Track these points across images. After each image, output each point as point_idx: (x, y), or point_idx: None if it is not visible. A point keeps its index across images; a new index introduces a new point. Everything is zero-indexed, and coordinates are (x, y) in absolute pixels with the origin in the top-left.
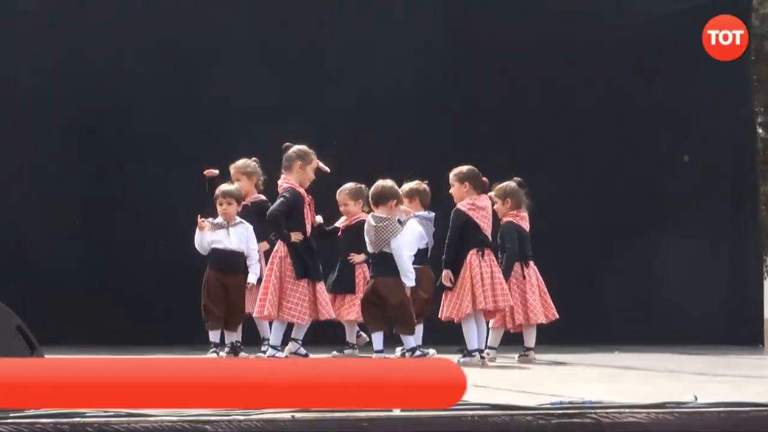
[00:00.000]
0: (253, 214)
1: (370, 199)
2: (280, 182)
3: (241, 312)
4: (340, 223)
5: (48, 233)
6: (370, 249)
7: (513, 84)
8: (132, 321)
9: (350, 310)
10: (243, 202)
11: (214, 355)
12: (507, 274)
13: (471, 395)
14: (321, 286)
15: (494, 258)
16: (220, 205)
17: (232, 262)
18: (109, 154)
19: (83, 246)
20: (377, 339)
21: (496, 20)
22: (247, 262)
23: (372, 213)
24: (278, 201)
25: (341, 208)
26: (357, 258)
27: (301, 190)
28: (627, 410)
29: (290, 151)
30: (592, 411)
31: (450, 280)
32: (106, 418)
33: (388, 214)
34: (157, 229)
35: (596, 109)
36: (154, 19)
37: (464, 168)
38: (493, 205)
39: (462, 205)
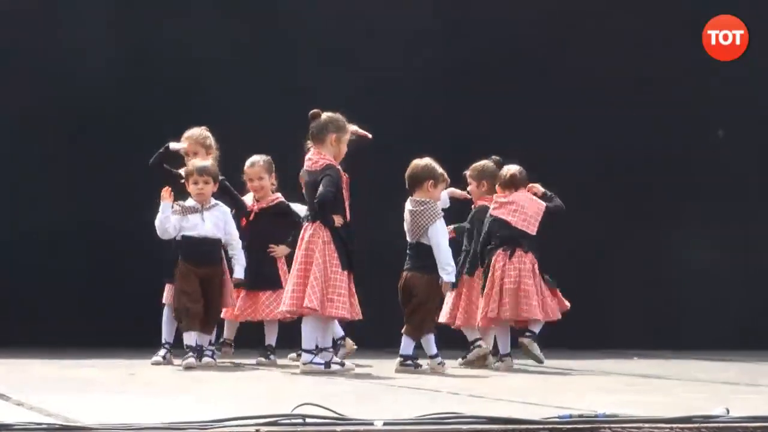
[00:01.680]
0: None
1: (406, 181)
2: (311, 156)
3: (219, 311)
4: (251, 202)
5: None
6: (408, 238)
7: (518, 76)
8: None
9: (274, 310)
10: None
11: (192, 360)
12: (472, 270)
13: (466, 406)
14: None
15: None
16: (195, 183)
17: (208, 251)
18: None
19: None
20: (430, 342)
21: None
22: (230, 252)
23: (410, 197)
24: (326, 181)
25: (252, 184)
26: (280, 251)
27: (339, 168)
28: (647, 425)
29: (322, 119)
30: (606, 426)
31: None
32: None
33: (425, 197)
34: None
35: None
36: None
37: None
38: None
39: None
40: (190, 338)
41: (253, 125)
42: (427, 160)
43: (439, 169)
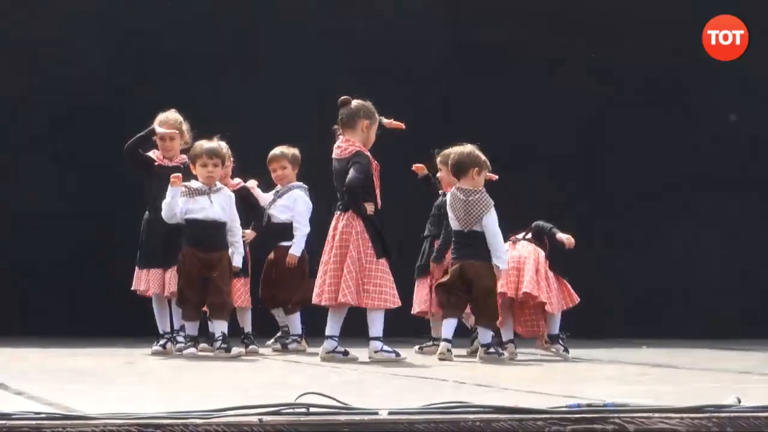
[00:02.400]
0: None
1: (450, 170)
2: (340, 144)
3: (230, 295)
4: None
5: None
6: (455, 226)
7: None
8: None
9: (246, 296)
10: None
11: (192, 351)
12: (439, 257)
13: (473, 396)
14: None
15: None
16: (204, 166)
17: (215, 235)
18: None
19: None
20: (450, 327)
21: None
22: (229, 239)
23: (457, 185)
24: (355, 167)
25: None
26: (249, 235)
27: (369, 155)
28: (657, 415)
29: (353, 105)
30: (615, 415)
31: None
32: (37, 421)
33: (472, 185)
34: None
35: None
36: None
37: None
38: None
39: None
40: (191, 327)
41: (246, 114)
42: (470, 148)
43: (482, 156)
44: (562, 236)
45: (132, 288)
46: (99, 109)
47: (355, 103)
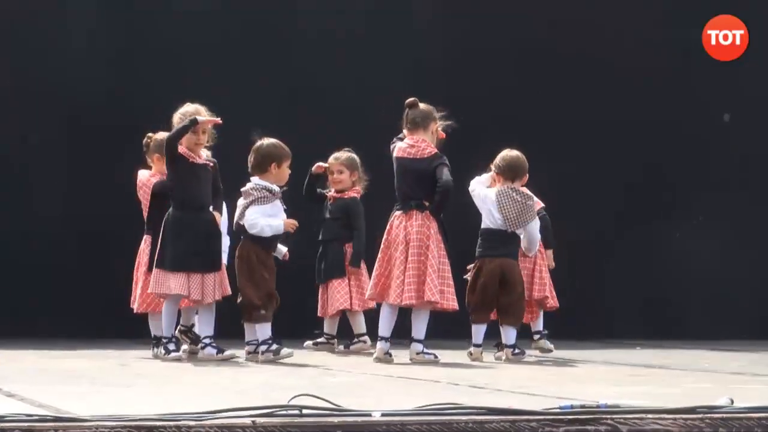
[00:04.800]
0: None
1: (499, 171)
2: (413, 143)
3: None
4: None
5: None
6: (495, 224)
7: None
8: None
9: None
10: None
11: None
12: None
13: (466, 397)
14: None
15: None
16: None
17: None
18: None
19: None
20: (482, 332)
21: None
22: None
23: (510, 186)
24: (445, 169)
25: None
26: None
27: None
28: (650, 416)
29: (423, 108)
30: (608, 416)
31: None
32: (28, 423)
33: (523, 189)
34: None
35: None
36: None
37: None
38: None
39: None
40: (266, 330)
41: (242, 109)
42: (516, 152)
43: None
44: (549, 254)
45: (159, 291)
46: (99, 114)
47: (423, 105)
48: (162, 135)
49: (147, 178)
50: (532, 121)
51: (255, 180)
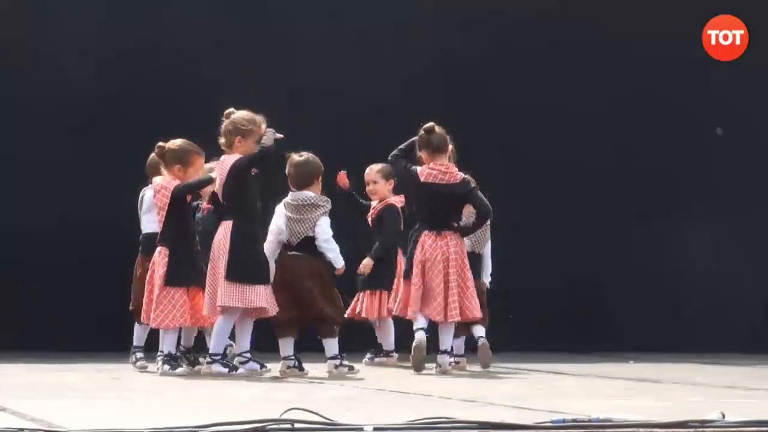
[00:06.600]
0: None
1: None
2: (439, 168)
3: None
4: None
5: None
6: None
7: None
8: None
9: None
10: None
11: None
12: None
13: (457, 411)
14: None
15: None
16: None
17: None
18: None
19: None
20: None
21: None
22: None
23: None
24: (478, 194)
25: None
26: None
27: None
28: (642, 429)
29: (440, 132)
30: (601, 430)
31: None
32: None
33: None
34: None
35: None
36: None
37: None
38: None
39: None
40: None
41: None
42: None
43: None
44: None
45: (259, 305)
46: (99, 117)
47: (439, 129)
48: (175, 143)
49: (168, 180)
50: (533, 121)
51: (307, 192)
